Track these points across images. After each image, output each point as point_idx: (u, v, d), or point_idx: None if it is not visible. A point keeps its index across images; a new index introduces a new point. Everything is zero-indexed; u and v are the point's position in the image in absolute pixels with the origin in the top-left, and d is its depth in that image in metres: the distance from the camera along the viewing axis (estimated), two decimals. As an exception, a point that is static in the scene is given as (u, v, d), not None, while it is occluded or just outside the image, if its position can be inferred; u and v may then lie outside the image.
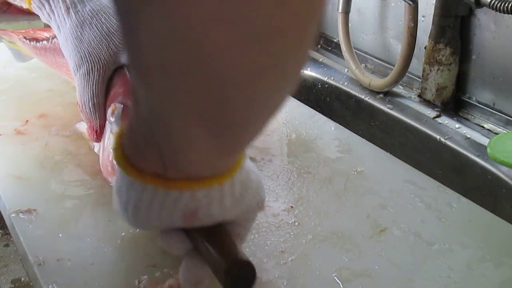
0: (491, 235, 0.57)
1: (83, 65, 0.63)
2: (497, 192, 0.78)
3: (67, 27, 0.65)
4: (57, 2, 0.66)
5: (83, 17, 0.64)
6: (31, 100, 0.80)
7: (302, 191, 0.62)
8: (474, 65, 0.89)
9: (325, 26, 1.19)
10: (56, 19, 0.67)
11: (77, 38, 0.64)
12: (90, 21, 0.64)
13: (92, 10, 0.64)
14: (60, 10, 0.66)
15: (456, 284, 0.50)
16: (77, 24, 0.64)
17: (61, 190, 0.61)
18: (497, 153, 0.69)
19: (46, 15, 0.68)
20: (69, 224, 0.56)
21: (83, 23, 0.64)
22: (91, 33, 0.63)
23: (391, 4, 1.01)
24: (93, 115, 0.63)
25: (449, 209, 0.60)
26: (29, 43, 0.80)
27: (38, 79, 0.87)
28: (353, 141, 0.73)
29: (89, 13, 0.64)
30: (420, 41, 0.92)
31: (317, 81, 1.10)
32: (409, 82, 1.00)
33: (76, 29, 0.64)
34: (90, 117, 0.63)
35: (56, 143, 0.70)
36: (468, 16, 0.87)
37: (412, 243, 0.55)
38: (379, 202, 0.61)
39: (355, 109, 1.02)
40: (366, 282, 0.50)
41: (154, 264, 0.51)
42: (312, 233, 0.56)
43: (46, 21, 0.69)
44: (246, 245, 0.53)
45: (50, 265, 0.51)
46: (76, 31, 0.64)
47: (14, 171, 0.64)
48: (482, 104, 0.89)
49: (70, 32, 0.65)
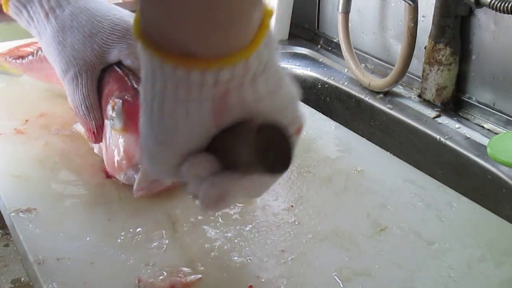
0: (491, 235, 0.57)
1: (70, 69, 0.63)
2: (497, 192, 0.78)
3: (48, 33, 0.65)
4: (35, 8, 0.66)
5: (63, 22, 0.64)
6: (31, 100, 0.80)
7: (302, 190, 0.62)
8: (474, 65, 0.89)
9: (325, 26, 1.19)
10: (36, 25, 0.66)
11: (59, 43, 0.64)
12: (71, 24, 0.63)
13: (71, 14, 0.64)
14: (39, 16, 0.65)
15: (456, 283, 0.50)
16: (57, 29, 0.64)
17: (61, 189, 0.61)
18: (497, 153, 0.69)
19: (25, 21, 0.67)
20: (69, 223, 0.56)
21: (64, 27, 0.64)
22: (73, 36, 0.63)
23: (391, 4, 1.01)
24: (88, 117, 0.63)
25: (449, 208, 0.60)
26: (15, 62, 0.81)
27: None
28: (353, 141, 0.73)
29: (68, 17, 0.64)
30: (420, 41, 0.92)
31: (317, 81, 1.10)
32: (409, 82, 1.00)
33: (57, 34, 0.64)
34: (85, 119, 0.63)
35: (56, 143, 0.70)
36: (468, 16, 0.87)
37: (412, 242, 0.55)
38: (379, 201, 0.61)
39: (355, 109, 1.02)
40: (366, 281, 0.50)
41: (154, 263, 0.51)
42: (312, 232, 0.56)
43: (25, 27, 0.68)
44: (246, 244, 0.53)
45: (50, 264, 0.51)
46: (58, 36, 0.64)
47: (14, 170, 0.64)
48: (482, 104, 0.89)
49: (52, 38, 0.64)
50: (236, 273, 0.50)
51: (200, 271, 0.50)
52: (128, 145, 0.58)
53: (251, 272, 0.50)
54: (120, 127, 0.59)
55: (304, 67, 1.12)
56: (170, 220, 0.57)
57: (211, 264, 0.51)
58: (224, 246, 0.53)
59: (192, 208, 0.58)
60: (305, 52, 1.17)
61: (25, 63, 0.80)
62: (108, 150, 0.61)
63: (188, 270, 0.50)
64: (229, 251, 0.53)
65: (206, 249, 0.53)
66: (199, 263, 0.51)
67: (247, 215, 0.57)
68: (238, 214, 0.58)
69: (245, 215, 0.57)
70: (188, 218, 0.57)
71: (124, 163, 0.59)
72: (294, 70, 1.12)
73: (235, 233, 0.55)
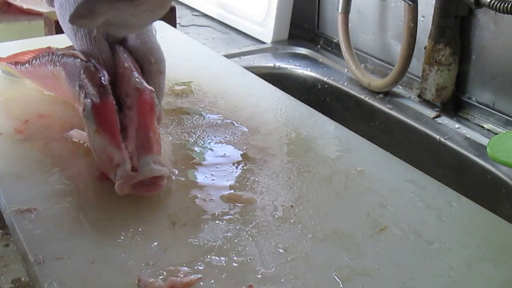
0: (491, 235, 0.57)
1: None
2: (497, 192, 0.79)
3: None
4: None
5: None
6: (31, 100, 0.80)
7: (302, 190, 0.62)
8: (473, 65, 0.89)
9: (325, 26, 1.19)
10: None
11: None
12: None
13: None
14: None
15: (456, 283, 0.50)
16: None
17: (61, 189, 0.61)
18: (497, 153, 0.69)
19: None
20: (69, 222, 0.56)
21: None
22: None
23: (391, 4, 1.01)
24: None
25: (449, 208, 0.60)
26: (15, 68, 0.82)
27: (38, 79, 0.87)
28: (353, 141, 0.73)
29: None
30: (420, 41, 0.92)
31: (317, 81, 1.10)
32: (409, 82, 1.00)
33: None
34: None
35: (56, 142, 0.70)
36: (468, 16, 0.87)
37: (412, 242, 0.55)
38: (379, 201, 0.61)
39: (355, 109, 1.03)
40: (366, 281, 0.50)
41: (154, 263, 0.51)
42: (312, 232, 0.56)
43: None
44: (246, 244, 0.53)
45: (50, 264, 0.51)
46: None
47: (14, 170, 0.64)
48: (482, 104, 0.89)
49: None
50: (236, 273, 0.50)
51: (200, 271, 0.50)
52: (105, 146, 0.58)
53: (251, 272, 0.50)
54: (94, 128, 0.59)
55: (304, 67, 1.12)
56: (170, 220, 0.57)
57: (211, 264, 0.51)
58: (224, 246, 0.53)
59: (192, 208, 0.58)
60: (305, 52, 1.17)
61: (23, 70, 0.81)
62: (95, 154, 0.60)
63: (188, 270, 0.50)
64: (229, 251, 0.53)
65: (206, 249, 0.53)
66: (199, 263, 0.51)
67: (247, 215, 0.57)
68: (238, 214, 0.58)
69: (245, 215, 0.58)
70: (188, 218, 0.57)
71: (109, 164, 0.58)
72: (294, 70, 1.12)
73: (235, 233, 0.55)
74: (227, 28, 1.31)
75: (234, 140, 0.71)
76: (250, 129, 0.74)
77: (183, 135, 0.72)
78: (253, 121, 0.76)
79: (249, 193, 0.61)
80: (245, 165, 0.66)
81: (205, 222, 0.56)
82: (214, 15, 1.38)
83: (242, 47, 1.21)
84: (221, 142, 0.71)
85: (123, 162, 0.57)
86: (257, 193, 0.61)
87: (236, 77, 0.90)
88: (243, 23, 1.28)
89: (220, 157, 0.68)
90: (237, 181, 0.63)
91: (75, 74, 0.65)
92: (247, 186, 0.62)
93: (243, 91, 0.85)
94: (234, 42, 1.24)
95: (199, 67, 0.92)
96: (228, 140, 0.71)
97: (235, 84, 0.87)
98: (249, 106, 0.80)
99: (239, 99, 0.82)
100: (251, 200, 0.60)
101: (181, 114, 0.77)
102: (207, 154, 0.68)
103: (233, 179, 0.63)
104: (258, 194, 0.61)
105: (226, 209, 0.58)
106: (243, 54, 1.17)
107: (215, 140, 0.71)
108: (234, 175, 0.64)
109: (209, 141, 0.71)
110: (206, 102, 0.81)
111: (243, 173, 0.64)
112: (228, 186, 0.62)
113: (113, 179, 0.58)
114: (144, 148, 0.58)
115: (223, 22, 1.34)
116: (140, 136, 0.59)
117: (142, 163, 0.57)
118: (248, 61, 1.13)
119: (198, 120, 0.76)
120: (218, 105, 0.80)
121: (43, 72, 0.74)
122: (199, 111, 0.78)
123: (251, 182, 0.63)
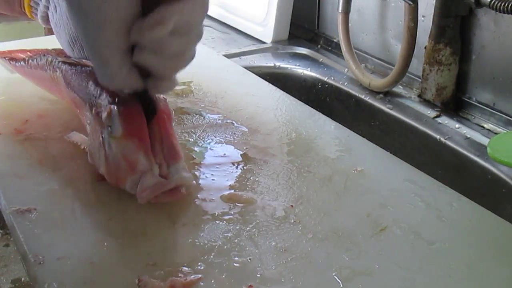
0: (491, 235, 0.57)
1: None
2: (497, 192, 0.78)
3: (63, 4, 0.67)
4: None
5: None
6: (31, 100, 0.80)
7: (302, 190, 0.62)
8: (474, 65, 0.89)
9: (325, 26, 1.19)
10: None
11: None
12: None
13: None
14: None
15: (456, 283, 0.50)
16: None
17: (61, 189, 0.61)
18: (497, 153, 0.69)
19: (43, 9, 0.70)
20: (69, 223, 0.56)
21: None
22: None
23: (391, 4, 1.01)
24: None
25: (449, 208, 0.60)
26: (9, 63, 0.83)
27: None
28: (353, 140, 0.73)
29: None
30: (420, 41, 0.92)
31: (317, 81, 1.10)
32: (409, 82, 1.00)
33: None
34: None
35: (56, 143, 0.69)
36: (468, 16, 0.87)
37: (412, 242, 0.55)
38: (379, 201, 0.61)
39: (355, 109, 1.02)
40: (366, 281, 0.50)
41: (154, 263, 0.51)
42: (312, 232, 0.56)
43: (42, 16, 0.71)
44: (246, 244, 0.53)
45: (50, 264, 0.51)
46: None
47: (14, 170, 0.64)
48: (482, 104, 0.89)
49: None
50: (236, 273, 0.50)
51: (200, 271, 0.50)
52: (130, 152, 0.57)
53: (251, 272, 0.50)
54: (120, 133, 0.58)
55: (304, 67, 1.12)
56: (170, 220, 0.57)
57: (211, 264, 0.51)
58: (224, 246, 0.53)
59: (192, 208, 0.58)
60: (305, 52, 1.17)
61: (18, 66, 0.81)
62: (108, 160, 0.59)
63: (188, 270, 0.50)
64: (229, 251, 0.53)
65: (206, 249, 0.53)
66: (199, 263, 0.51)
67: (247, 215, 0.57)
68: (238, 214, 0.58)
69: (245, 215, 0.57)
70: (188, 218, 0.57)
71: (128, 171, 0.57)
72: (294, 70, 1.12)
73: (235, 233, 0.55)
74: (227, 28, 1.31)
75: (234, 140, 0.71)
76: (250, 129, 0.74)
77: (183, 135, 0.72)
78: (253, 121, 0.76)
79: (249, 193, 0.61)
80: (245, 165, 0.66)
81: (205, 222, 0.56)
82: (214, 15, 1.38)
83: (242, 47, 1.21)
84: (221, 142, 0.71)
85: (151, 168, 0.57)
86: (257, 193, 0.61)
87: (236, 77, 0.90)
88: (243, 23, 1.28)
89: (220, 157, 0.68)
90: (237, 181, 0.63)
91: (87, 81, 0.65)
92: (247, 186, 0.62)
93: (243, 91, 0.85)
94: (234, 42, 1.24)
95: (199, 67, 0.91)
96: (228, 140, 0.71)
97: (235, 84, 0.87)
98: (249, 106, 0.80)
99: (239, 99, 0.82)
100: (251, 200, 0.60)
101: (181, 114, 0.77)
102: (207, 154, 0.68)
103: (233, 179, 0.63)
104: (258, 194, 0.61)
105: (226, 209, 0.58)
106: (243, 54, 1.17)
107: (215, 140, 0.71)
108: (234, 175, 0.64)
109: (209, 141, 0.71)
110: (206, 102, 0.81)
111: (243, 173, 0.64)
112: (228, 186, 0.62)
113: (128, 187, 0.58)
114: (173, 156, 0.58)
115: (223, 22, 1.34)
116: (166, 145, 0.59)
117: (172, 171, 0.57)
118: (248, 61, 1.13)
119: (198, 120, 0.76)
120: (218, 105, 0.80)
121: (40, 74, 0.75)
122: (199, 111, 0.78)
123: (251, 182, 0.63)
